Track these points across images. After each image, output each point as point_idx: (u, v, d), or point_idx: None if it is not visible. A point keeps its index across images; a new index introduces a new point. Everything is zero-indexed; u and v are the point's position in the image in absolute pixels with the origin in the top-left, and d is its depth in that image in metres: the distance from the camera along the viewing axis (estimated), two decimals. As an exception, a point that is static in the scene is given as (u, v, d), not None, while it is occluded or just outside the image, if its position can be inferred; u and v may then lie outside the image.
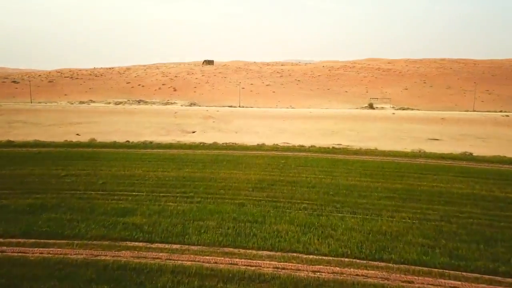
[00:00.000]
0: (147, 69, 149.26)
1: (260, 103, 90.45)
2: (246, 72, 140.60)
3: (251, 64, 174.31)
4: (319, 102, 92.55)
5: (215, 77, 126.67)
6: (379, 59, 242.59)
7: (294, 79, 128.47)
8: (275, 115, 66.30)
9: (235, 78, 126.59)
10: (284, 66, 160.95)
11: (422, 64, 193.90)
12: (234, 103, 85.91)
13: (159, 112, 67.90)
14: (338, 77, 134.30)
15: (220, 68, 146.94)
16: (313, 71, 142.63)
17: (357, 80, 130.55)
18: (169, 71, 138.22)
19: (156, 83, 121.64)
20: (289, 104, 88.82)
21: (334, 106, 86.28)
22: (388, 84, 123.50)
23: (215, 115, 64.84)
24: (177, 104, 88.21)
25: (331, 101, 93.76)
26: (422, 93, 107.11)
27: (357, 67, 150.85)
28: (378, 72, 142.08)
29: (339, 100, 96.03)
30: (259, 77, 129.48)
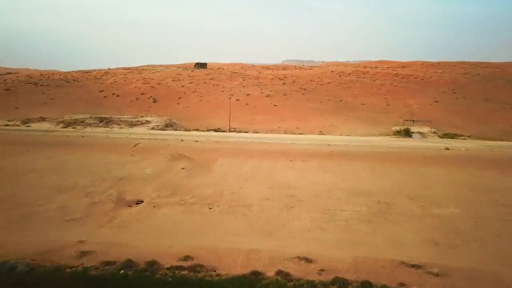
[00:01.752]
0: (128, 73, 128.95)
1: (257, 123, 70.24)
2: (243, 78, 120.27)
3: (248, 68, 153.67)
4: (332, 120, 72.32)
5: (205, 85, 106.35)
6: (391, 62, 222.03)
7: (299, 87, 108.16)
8: (277, 148, 46.06)
9: (228, 86, 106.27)
10: (287, 71, 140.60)
11: (441, 68, 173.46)
12: (224, 123, 65.72)
13: (113, 146, 47.64)
14: (351, 84, 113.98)
15: (213, 73, 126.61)
16: (321, 77, 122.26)
17: (374, 88, 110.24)
18: (152, 76, 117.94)
19: (134, 92, 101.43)
20: (295, 124, 68.60)
21: (353, 128, 66.00)
22: (411, 94, 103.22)
23: (191, 149, 44.67)
24: (149, 124, 67.96)
25: (348, 119, 73.50)
26: (458, 108, 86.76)
27: (371, 72, 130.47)
28: (396, 79, 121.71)
29: (357, 118, 75.76)
30: (257, 85, 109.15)
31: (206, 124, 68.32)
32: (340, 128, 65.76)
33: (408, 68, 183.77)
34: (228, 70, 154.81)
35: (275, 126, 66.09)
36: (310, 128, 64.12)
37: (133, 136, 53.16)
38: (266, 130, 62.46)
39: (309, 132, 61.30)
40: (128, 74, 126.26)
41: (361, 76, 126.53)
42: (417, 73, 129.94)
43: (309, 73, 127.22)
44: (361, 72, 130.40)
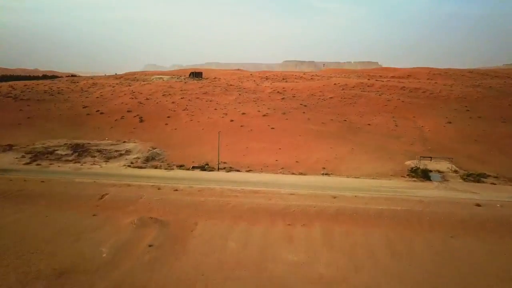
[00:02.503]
0: (117, 85, 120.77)
1: (252, 152, 62.04)
2: (239, 91, 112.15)
3: (246, 78, 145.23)
4: (336, 149, 64.09)
5: (198, 101, 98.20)
6: (396, 69, 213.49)
7: (299, 103, 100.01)
8: (273, 203, 37.88)
9: (223, 102, 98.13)
10: (286, 82, 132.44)
11: (449, 78, 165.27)
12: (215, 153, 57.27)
13: (75, 198, 39.41)
14: (355, 99, 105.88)
15: (207, 85, 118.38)
16: (323, 91, 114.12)
17: (380, 104, 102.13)
18: (142, 90, 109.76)
19: (121, 108, 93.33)
20: (295, 155, 60.38)
21: (360, 161, 57.76)
22: (421, 112, 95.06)
23: (167, 205, 36.55)
24: (129, 155, 59.76)
25: (354, 148, 65.26)
26: (475, 131, 78.48)
27: (376, 85, 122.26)
28: (404, 93, 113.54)
29: (364, 145, 67.56)
30: (254, 101, 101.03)
31: (194, 154, 60.21)
32: (346, 161, 57.56)
33: (414, 77, 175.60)
34: (224, 80, 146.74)
35: (272, 159, 57.87)
36: (312, 163, 55.89)
37: (103, 181, 44.93)
38: (261, 165, 54.25)
39: (311, 169, 53.09)
40: (117, 87, 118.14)
41: (366, 89, 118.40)
42: (425, 85, 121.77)
43: (310, 85, 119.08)
44: (366, 85, 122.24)
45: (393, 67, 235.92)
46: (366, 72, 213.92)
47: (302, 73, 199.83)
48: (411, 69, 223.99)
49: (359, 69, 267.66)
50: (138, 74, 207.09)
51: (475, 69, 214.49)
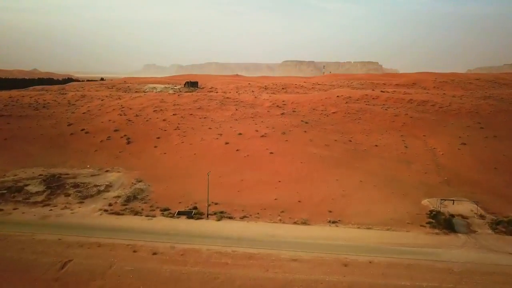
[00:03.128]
0: (107, 98, 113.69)
1: (247, 187, 55.17)
2: (236, 105, 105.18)
3: (244, 89, 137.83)
4: (342, 182, 57.23)
5: (191, 118, 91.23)
6: (400, 76, 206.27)
7: (300, 119, 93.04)
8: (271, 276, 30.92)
9: (218, 119, 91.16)
10: (286, 93, 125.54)
11: (457, 86, 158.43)
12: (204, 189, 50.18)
13: (30, 268, 32.42)
14: (360, 115, 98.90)
15: (202, 98, 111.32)
16: (325, 104, 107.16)
17: (386, 120, 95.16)
18: (132, 104, 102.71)
19: (108, 127, 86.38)
20: (296, 191, 53.52)
21: (370, 200, 50.87)
22: (431, 130, 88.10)
23: (140, 281, 29.57)
24: (109, 191, 52.86)
25: (362, 181, 58.31)
26: (493, 155, 71.56)
27: (381, 97, 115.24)
28: (411, 107, 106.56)
29: (372, 175, 60.69)
30: (252, 117, 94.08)
31: (182, 190, 53.41)
32: (354, 200, 50.69)
33: (419, 85, 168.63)
34: (221, 91, 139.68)
35: (270, 197, 50.99)
36: (316, 204, 49.02)
37: (70, 238, 37.95)
38: (258, 208, 47.34)
39: (315, 213, 46.24)
40: (106, 100, 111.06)
41: (371, 102, 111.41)
42: (433, 97, 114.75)
43: (312, 99, 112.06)
44: (371, 97, 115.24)
45: (394, 69, 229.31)
46: (369, 78, 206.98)
47: (303, 80, 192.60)
48: (416, 74, 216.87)
49: (361, 75, 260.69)
50: (132, 81, 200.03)
51: (481, 75, 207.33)
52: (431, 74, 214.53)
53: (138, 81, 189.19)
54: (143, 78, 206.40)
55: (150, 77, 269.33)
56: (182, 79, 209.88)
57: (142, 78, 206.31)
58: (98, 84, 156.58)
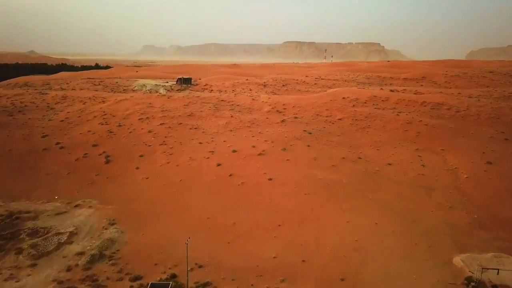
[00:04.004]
0: (89, 101, 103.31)
1: (240, 237, 45.86)
2: (231, 110, 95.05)
3: (241, 87, 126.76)
4: (354, 224, 47.95)
5: (180, 129, 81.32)
6: (406, 66, 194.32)
7: (303, 129, 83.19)
8: None
9: (211, 130, 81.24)
10: (288, 96, 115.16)
11: (471, 81, 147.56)
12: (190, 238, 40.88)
13: None
14: (369, 122, 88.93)
15: (194, 100, 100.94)
16: (330, 109, 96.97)
17: (399, 129, 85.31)
18: (116, 109, 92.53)
19: (86, 140, 76.74)
20: (300, 235, 44.37)
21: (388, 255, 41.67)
22: (450, 141, 78.33)
23: None
24: (73, 242, 43.59)
25: (378, 223, 48.90)
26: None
27: (391, 99, 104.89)
28: (425, 111, 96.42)
29: (389, 213, 51.28)
30: (249, 126, 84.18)
31: (163, 238, 44.20)
32: (369, 255, 41.51)
33: (429, 80, 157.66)
34: (216, 89, 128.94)
35: (268, 253, 41.79)
36: (325, 263, 39.81)
37: None
38: (253, 273, 38.13)
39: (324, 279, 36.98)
40: (88, 103, 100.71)
41: (380, 105, 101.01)
42: (448, 99, 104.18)
43: (315, 102, 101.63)
44: (380, 99, 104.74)
45: (396, 50, 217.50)
46: (375, 69, 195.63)
47: (305, 73, 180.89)
48: (424, 65, 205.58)
49: (365, 65, 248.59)
50: (124, 73, 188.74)
51: (494, 65, 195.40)
52: (440, 66, 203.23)
53: (129, 73, 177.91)
54: (133, 75, 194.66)
55: (148, 60, 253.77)
56: (178, 72, 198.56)
57: (132, 74, 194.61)
58: (85, 79, 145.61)
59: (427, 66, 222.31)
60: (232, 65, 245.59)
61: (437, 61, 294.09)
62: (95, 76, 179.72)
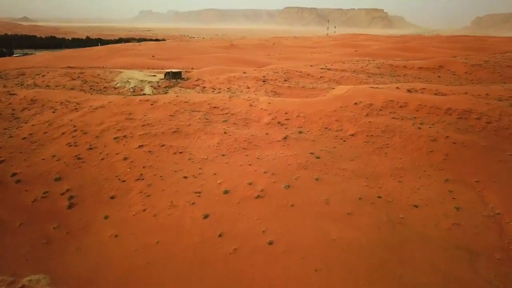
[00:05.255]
0: (61, 106, 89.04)
1: None
2: (225, 123, 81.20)
3: (238, 83, 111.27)
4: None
5: (162, 153, 67.89)
6: (422, 53, 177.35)
7: (309, 151, 69.74)
8: None
9: (199, 153, 67.81)
10: (291, 98, 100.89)
11: (495, 73, 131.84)
12: None
13: None
14: (386, 139, 75.48)
15: (181, 110, 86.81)
16: (340, 120, 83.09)
17: (423, 149, 72.06)
18: (88, 123, 78.53)
19: (49, 169, 63.64)
20: None
21: None
22: (485, 170, 64.94)
23: None
24: None
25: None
26: None
27: (410, 105, 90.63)
28: (451, 122, 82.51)
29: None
30: (244, 148, 70.69)
31: None
32: None
33: (447, 69, 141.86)
34: (209, 86, 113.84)
35: None
36: None
37: None
38: None
39: None
40: (59, 110, 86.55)
41: (398, 113, 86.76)
42: (477, 106, 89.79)
43: (323, 108, 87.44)
44: (397, 105, 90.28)
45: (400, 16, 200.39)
46: (385, 54, 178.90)
47: (309, 62, 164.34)
48: (438, 47, 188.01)
49: (374, 46, 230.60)
50: (110, 59, 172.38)
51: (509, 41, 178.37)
52: (454, 45, 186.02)
53: (115, 62, 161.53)
54: (121, 56, 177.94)
55: (144, 28, 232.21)
56: (171, 57, 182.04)
57: (119, 61, 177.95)
58: (65, 69, 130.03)
59: (440, 48, 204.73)
60: (230, 46, 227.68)
61: (449, 38, 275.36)
62: (77, 63, 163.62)
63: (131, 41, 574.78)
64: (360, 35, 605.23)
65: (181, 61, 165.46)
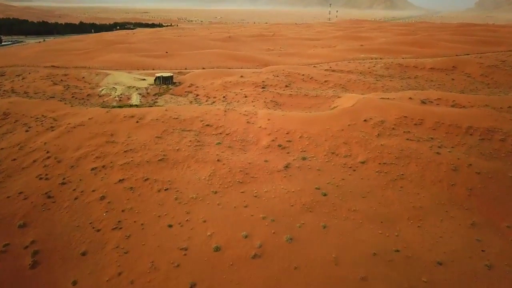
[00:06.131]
0: (36, 122, 79.56)
1: None
2: (219, 145, 72.10)
3: (234, 89, 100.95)
4: None
5: (144, 189, 58.96)
6: (429, 45, 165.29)
7: (314, 185, 61.05)
8: None
9: (187, 190, 58.89)
10: (292, 111, 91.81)
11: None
12: None
13: None
14: (401, 168, 66.73)
15: (171, 127, 77.54)
16: (349, 142, 74.06)
17: (443, 182, 63.45)
18: (66, 145, 69.30)
19: (14, 213, 55.20)
20: None
21: None
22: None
23: None
24: None
25: None
26: None
27: (426, 122, 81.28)
28: (473, 144, 73.56)
29: None
30: (240, 182, 61.86)
31: None
32: None
33: (461, 71, 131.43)
34: (203, 94, 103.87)
35: None
36: None
37: None
38: None
39: None
40: (33, 129, 77.21)
41: (413, 132, 77.37)
42: (501, 124, 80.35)
43: (329, 127, 78.16)
44: (411, 122, 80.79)
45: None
46: (393, 49, 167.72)
47: (310, 55, 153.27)
48: (447, 40, 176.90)
49: (381, 37, 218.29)
50: (98, 51, 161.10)
51: None
52: (464, 38, 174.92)
53: (104, 60, 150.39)
54: (112, 51, 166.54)
55: (141, 10, 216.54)
56: (165, 48, 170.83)
57: (111, 51, 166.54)
58: (46, 73, 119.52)
59: (450, 43, 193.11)
60: (227, 37, 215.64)
61: (457, 28, 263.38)
62: (64, 59, 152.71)
63: (126, 25, 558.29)
64: (364, 21, 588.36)
65: (174, 59, 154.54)
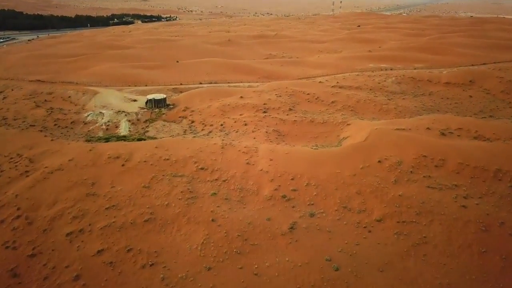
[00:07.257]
0: (9, 167, 70.84)
1: None
2: (215, 196, 63.48)
3: (233, 115, 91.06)
4: None
5: (126, 265, 50.52)
6: (443, 51, 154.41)
7: (324, 255, 52.66)
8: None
9: (178, 269, 50.40)
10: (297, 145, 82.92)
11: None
12: None
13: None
14: (423, 227, 58.35)
15: (161, 170, 68.81)
16: (362, 190, 65.24)
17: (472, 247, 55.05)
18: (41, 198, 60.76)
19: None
20: None
21: None
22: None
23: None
24: None
25: None
26: None
27: (449, 162, 72.41)
28: (504, 194, 64.86)
29: None
30: (238, 253, 53.40)
31: None
32: None
33: (480, 86, 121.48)
34: (198, 121, 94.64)
35: None
36: None
37: None
38: None
39: None
40: (5, 173, 68.50)
41: (434, 177, 68.33)
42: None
43: (340, 172, 69.21)
44: (432, 163, 71.71)
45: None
46: (404, 57, 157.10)
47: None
48: (461, 44, 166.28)
49: (391, 41, 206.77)
50: (89, 58, 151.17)
51: None
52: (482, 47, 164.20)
53: (94, 71, 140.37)
54: (103, 60, 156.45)
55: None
56: (163, 53, 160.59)
57: (102, 59, 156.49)
58: (30, 91, 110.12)
59: (463, 47, 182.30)
60: (227, 41, 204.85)
61: (470, 25, 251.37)
62: (51, 68, 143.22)
63: (124, 17, 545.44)
64: (369, 15, 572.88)
65: (169, 70, 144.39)
